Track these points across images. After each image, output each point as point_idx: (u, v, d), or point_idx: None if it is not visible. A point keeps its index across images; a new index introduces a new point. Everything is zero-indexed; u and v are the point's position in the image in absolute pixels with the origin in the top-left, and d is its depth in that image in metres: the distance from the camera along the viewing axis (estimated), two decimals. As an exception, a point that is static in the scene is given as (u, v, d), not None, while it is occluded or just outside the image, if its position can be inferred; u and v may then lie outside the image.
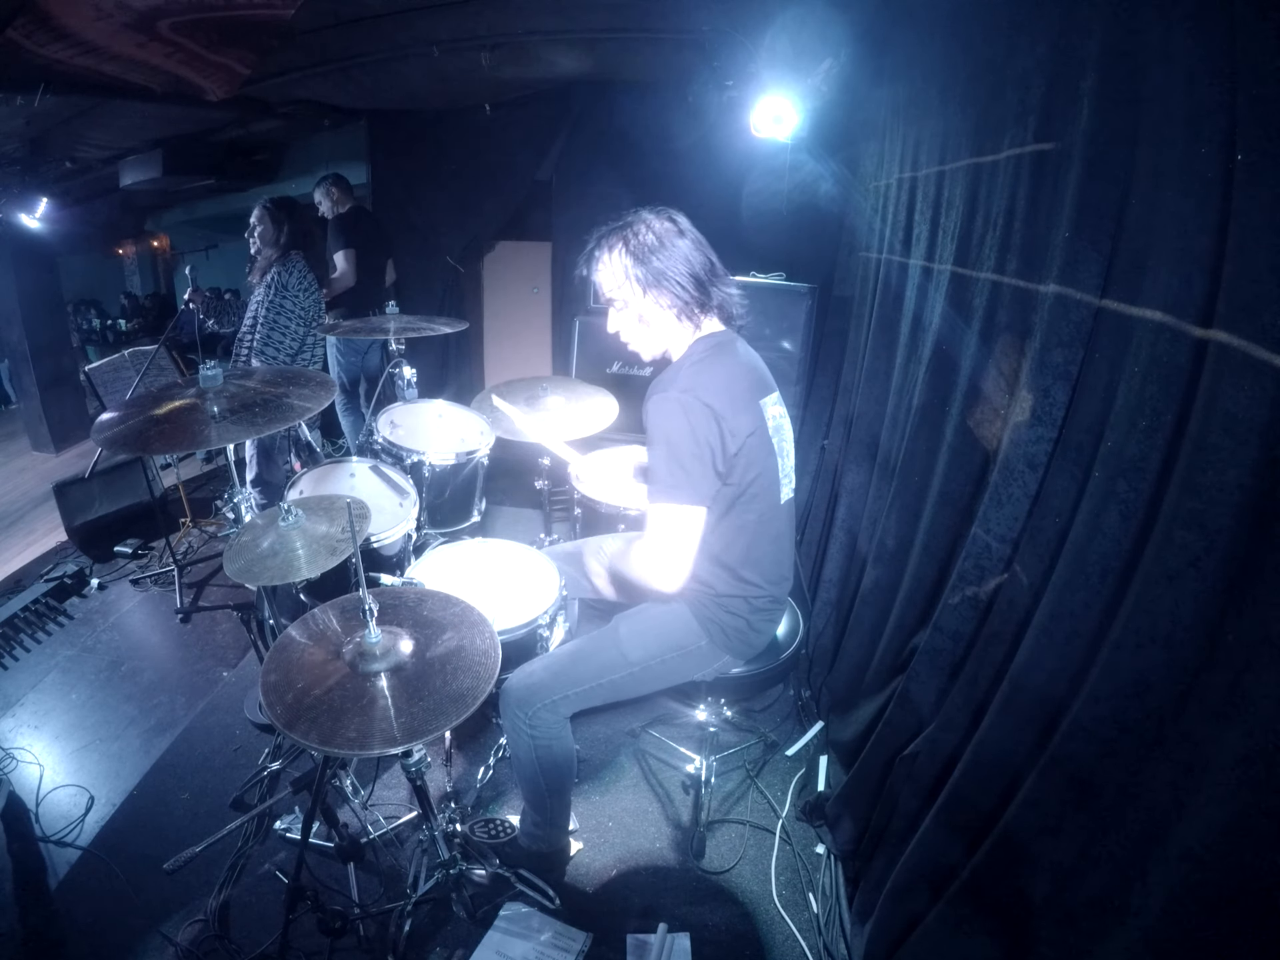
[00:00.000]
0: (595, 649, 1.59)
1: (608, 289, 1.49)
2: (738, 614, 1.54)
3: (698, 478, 1.37)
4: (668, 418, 1.37)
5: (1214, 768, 0.80)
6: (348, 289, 3.51)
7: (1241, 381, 0.79)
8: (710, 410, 1.35)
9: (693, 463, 1.36)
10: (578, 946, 1.61)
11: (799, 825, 1.96)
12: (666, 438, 1.37)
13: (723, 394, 1.38)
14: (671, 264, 1.42)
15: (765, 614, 1.58)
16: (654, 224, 1.45)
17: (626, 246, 1.43)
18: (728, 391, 1.40)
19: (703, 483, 1.38)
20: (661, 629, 1.57)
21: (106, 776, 2.08)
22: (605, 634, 1.60)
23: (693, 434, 1.35)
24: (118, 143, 3.72)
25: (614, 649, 1.56)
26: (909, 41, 1.90)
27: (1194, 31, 0.87)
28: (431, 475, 2.21)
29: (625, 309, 1.49)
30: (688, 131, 3.16)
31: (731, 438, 1.38)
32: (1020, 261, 1.29)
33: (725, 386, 1.40)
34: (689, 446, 1.36)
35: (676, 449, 1.36)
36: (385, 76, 3.19)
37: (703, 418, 1.35)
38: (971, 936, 1.22)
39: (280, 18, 2.15)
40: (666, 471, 1.37)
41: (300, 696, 1.20)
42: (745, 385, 1.47)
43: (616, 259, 1.45)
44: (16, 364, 4.56)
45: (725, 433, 1.37)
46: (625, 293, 1.46)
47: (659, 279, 1.42)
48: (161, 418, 1.49)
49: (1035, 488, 1.24)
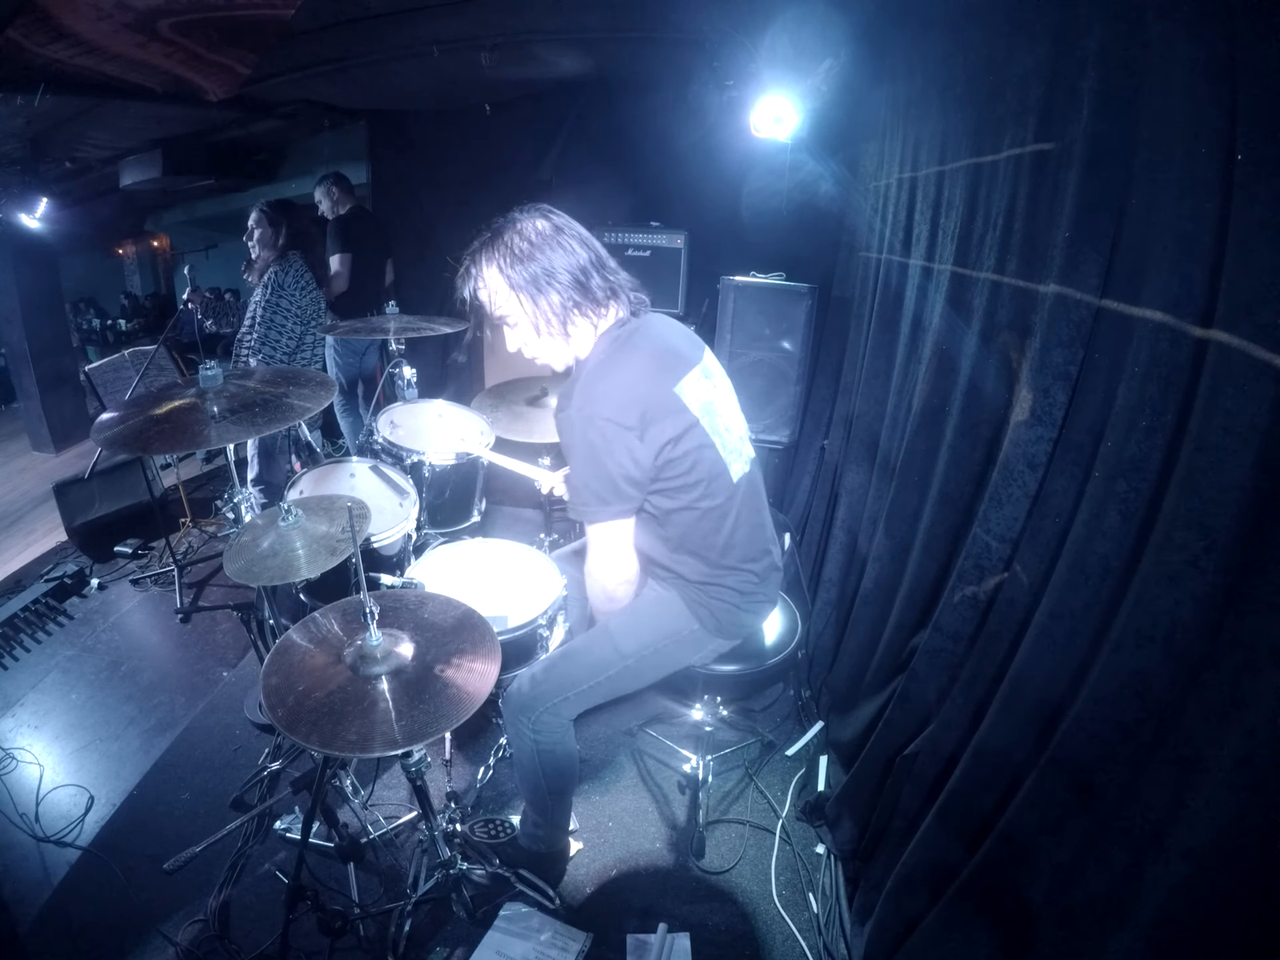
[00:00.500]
0: (589, 647, 1.58)
1: (495, 306, 1.40)
2: (722, 598, 1.51)
3: (612, 494, 1.33)
4: (576, 437, 1.31)
5: (1214, 768, 0.80)
6: (342, 293, 3.51)
7: (1241, 381, 0.79)
8: (615, 425, 1.29)
9: (604, 482, 1.32)
10: (578, 946, 1.61)
11: (799, 825, 1.96)
12: (578, 456, 1.32)
13: (628, 403, 1.30)
14: (553, 264, 1.34)
15: (752, 594, 1.54)
16: (527, 226, 1.36)
17: (502, 256, 1.35)
18: (634, 397, 1.32)
19: (619, 498, 1.34)
20: (652, 618, 1.55)
21: (106, 776, 2.08)
22: (597, 632, 1.59)
23: (601, 453, 1.30)
24: (118, 143, 3.73)
25: (607, 645, 1.55)
26: (909, 41, 1.90)
27: (1194, 31, 0.87)
28: (431, 475, 2.21)
29: (518, 323, 1.40)
30: (688, 131, 3.15)
31: (648, 445, 1.32)
32: (1020, 261, 1.29)
33: (630, 392, 1.32)
34: (599, 466, 1.31)
35: (587, 469, 1.32)
36: (385, 76, 3.19)
37: (608, 435, 1.29)
38: (971, 937, 1.22)
39: (280, 18, 2.15)
40: (583, 490, 1.35)
41: (301, 699, 1.20)
42: (654, 380, 1.36)
43: (495, 273, 1.36)
44: (17, 364, 4.56)
45: (636, 444, 1.31)
46: (513, 305, 1.38)
47: (543, 282, 1.34)
48: (161, 418, 1.49)
49: (1035, 488, 1.24)
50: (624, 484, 1.33)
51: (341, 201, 3.60)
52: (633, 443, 1.31)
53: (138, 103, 2.68)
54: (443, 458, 2.22)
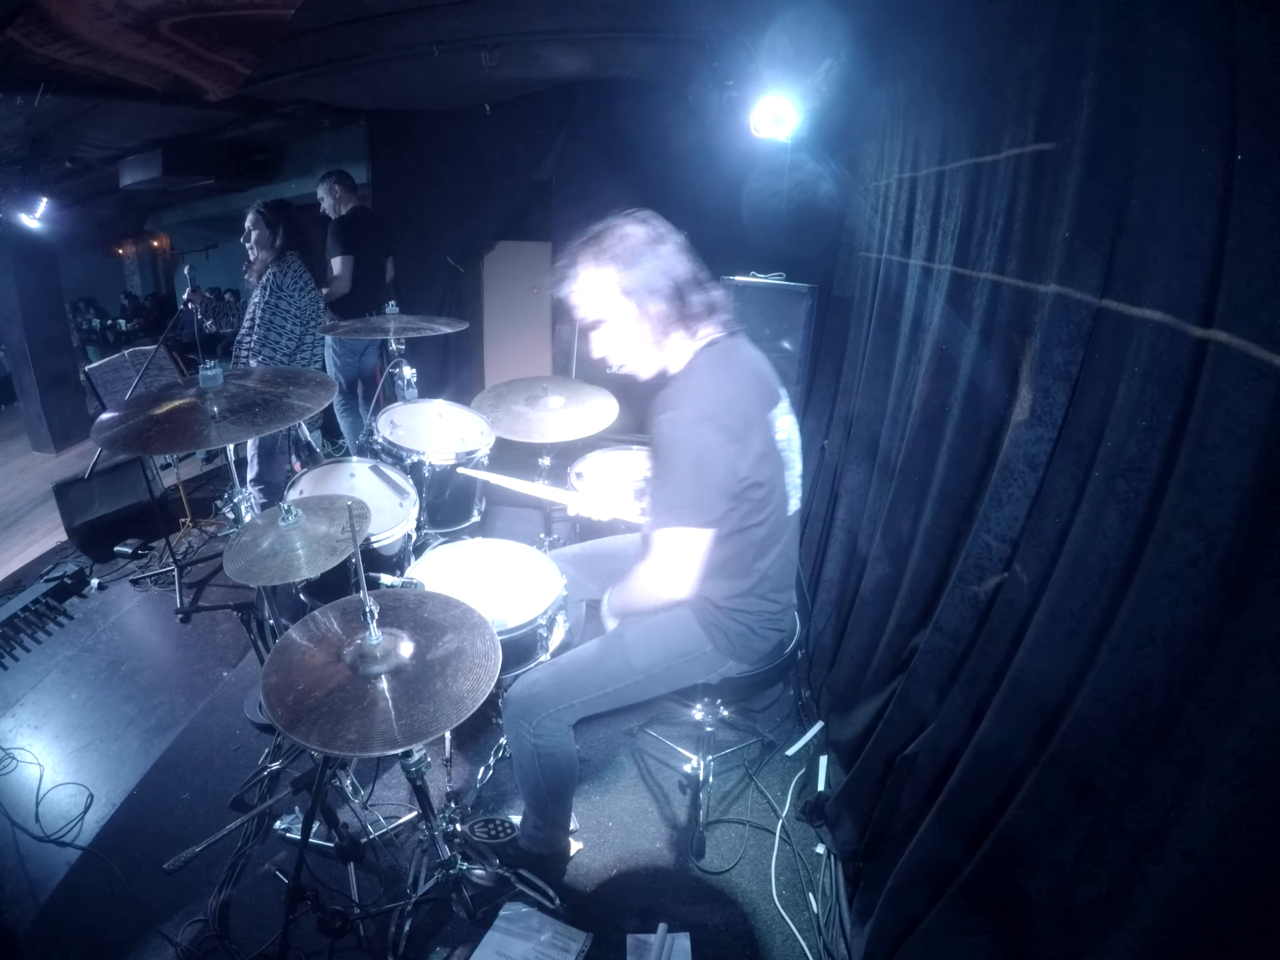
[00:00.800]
0: (601, 658, 1.57)
1: (589, 309, 1.38)
2: (741, 621, 1.53)
3: (708, 502, 1.32)
4: (679, 440, 1.29)
5: (1214, 768, 0.80)
6: (343, 295, 3.51)
7: (1241, 381, 0.79)
8: (725, 432, 1.29)
9: (703, 487, 1.30)
10: (578, 946, 1.61)
11: (799, 825, 1.96)
12: (677, 460, 1.30)
13: (735, 413, 1.32)
14: (658, 271, 1.33)
15: (770, 620, 1.56)
16: (633, 231, 1.34)
17: (608, 258, 1.33)
18: (739, 409, 1.33)
19: (712, 507, 1.33)
20: (666, 636, 1.56)
21: (106, 776, 2.08)
22: (610, 642, 1.59)
23: (706, 458, 1.29)
24: (118, 143, 3.72)
25: (619, 657, 1.55)
26: (909, 41, 1.90)
27: (1194, 31, 0.87)
28: (431, 475, 2.21)
29: (612, 327, 1.38)
30: (688, 131, 3.15)
31: (743, 459, 1.33)
32: (1020, 261, 1.29)
33: (736, 404, 1.34)
34: (701, 471, 1.29)
35: (687, 472, 1.30)
36: (385, 76, 3.19)
37: (716, 440, 1.29)
38: (971, 936, 1.22)
39: (280, 18, 2.15)
40: (675, 493, 1.32)
41: (301, 699, 1.21)
42: (755, 400, 1.40)
43: (598, 274, 1.34)
44: (17, 364, 4.56)
45: (738, 454, 1.31)
46: (611, 309, 1.36)
47: (647, 289, 1.32)
48: (161, 418, 1.49)
49: (1035, 487, 1.24)
50: (715, 495, 1.32)
51: (343, 200, 3.59)
52: (731, 453, 1.30)
53: (138, 103, 2.68)
54: (443, 458, 2.22)
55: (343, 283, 3.49)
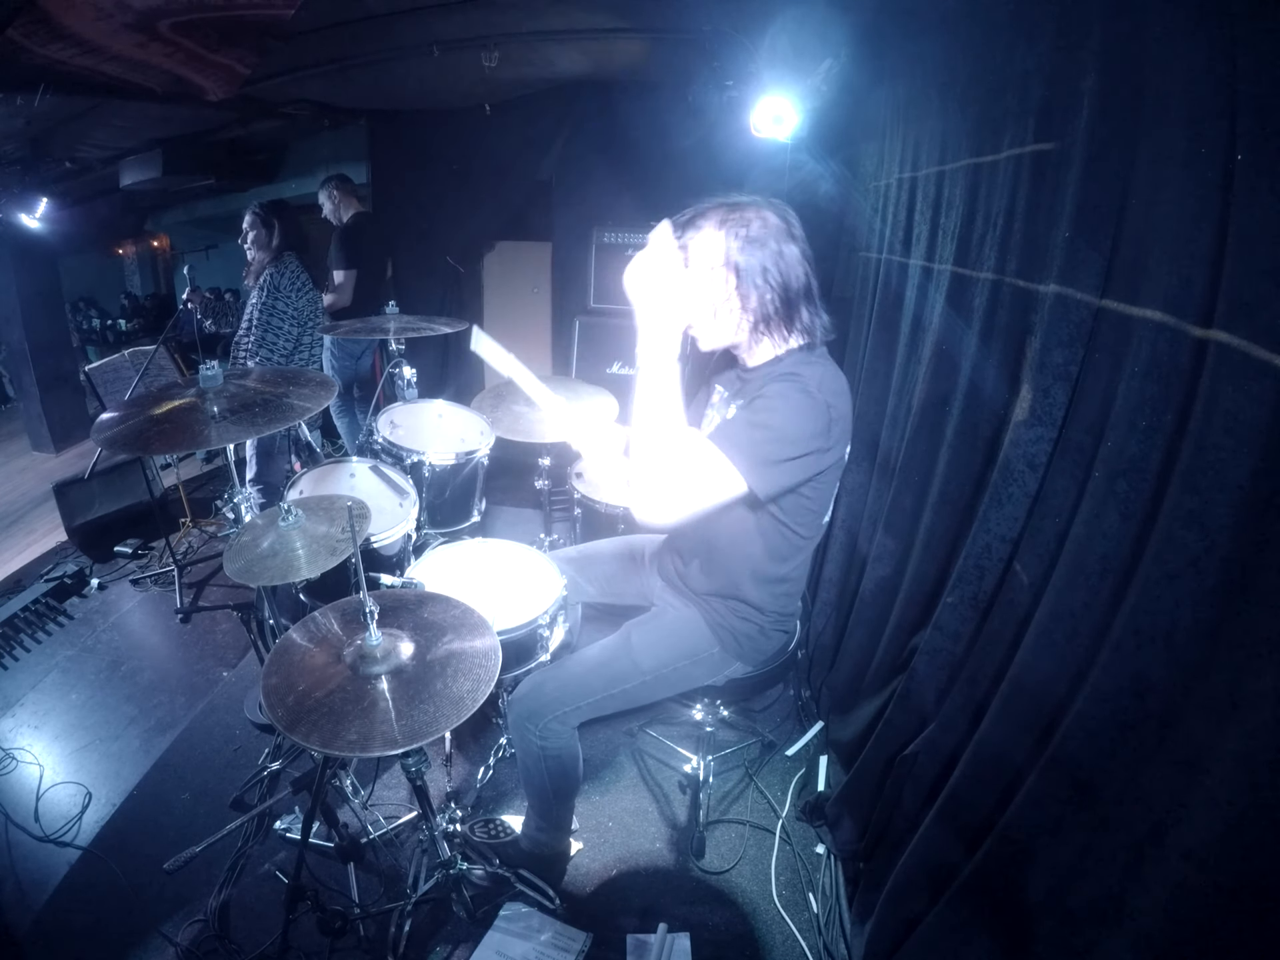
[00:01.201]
0: (608, 659, 1.57)
1: (697, 263, 1.32)
2: (751, 620, 1.53)
3: (776, 471, 1.26)
4: (794, 408, 1.24)
5: (1214, 768, 0.80)
6: (344, 308, 3.51)
7: (1241, 381, 0.79)
8: (837, 424, 1.28)
9: (784, 456, 1.25)
10: (578, 946, 1.61)
11: (799, 825, 1.96)
12: (777, 422, 1.24)
13: (838, 402, 1.30)
14: (773, 266, 1.28)
15: (779, 622, 1.57)
16: (769, 216, 1.29)
17: (735, 228, 1.28)
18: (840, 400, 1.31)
19: (775, 478, 1.27)
20: (674, 637, 1.57)
21: (106, 776, 2.08)
22: (617, 643, 1.58)
23: (807, 435, 1.25)
24: (118, 143, 3.72)
25: (626, 659, 1.55)
26: (909, 41, 1.90)
27: (1194, 31, 0.87)
28: (431, 475, 2.21)
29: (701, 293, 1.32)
30: (688, 131, 3.15)
31: (825, 455, 1.30)
32: (1020, 261, 1.29)
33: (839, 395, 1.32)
34: (794, 443, 1.24)
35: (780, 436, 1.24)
36: (385, 76, 3.18)
37: (824, 426, 1.26)
38: (971, 937, 1.22)
39: (280, 18, 2.15)
40: (752, 443, 1.24)
41: (301, 699, 1.20)
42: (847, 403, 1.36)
43: (720, 238, 1.29)
44: (17, 364, 4.56)
45: (826, 450, 1.29)
46: (713, 275, 1.30)
47: (754, 275, 1.28)
48: (161, 418, 1.49)
49: (1035, 488, 1.24)
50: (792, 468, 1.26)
51: (344, 205, 3.58)
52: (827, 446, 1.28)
53: (138, 103, 2.68)
54: (443, 458, 2.22)
55: (344, 296, 3.49)
